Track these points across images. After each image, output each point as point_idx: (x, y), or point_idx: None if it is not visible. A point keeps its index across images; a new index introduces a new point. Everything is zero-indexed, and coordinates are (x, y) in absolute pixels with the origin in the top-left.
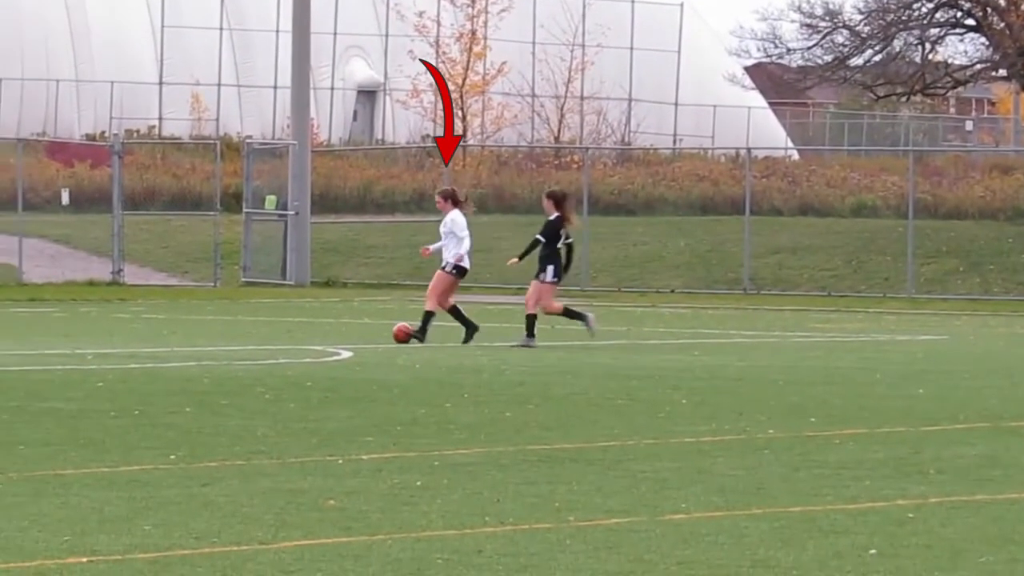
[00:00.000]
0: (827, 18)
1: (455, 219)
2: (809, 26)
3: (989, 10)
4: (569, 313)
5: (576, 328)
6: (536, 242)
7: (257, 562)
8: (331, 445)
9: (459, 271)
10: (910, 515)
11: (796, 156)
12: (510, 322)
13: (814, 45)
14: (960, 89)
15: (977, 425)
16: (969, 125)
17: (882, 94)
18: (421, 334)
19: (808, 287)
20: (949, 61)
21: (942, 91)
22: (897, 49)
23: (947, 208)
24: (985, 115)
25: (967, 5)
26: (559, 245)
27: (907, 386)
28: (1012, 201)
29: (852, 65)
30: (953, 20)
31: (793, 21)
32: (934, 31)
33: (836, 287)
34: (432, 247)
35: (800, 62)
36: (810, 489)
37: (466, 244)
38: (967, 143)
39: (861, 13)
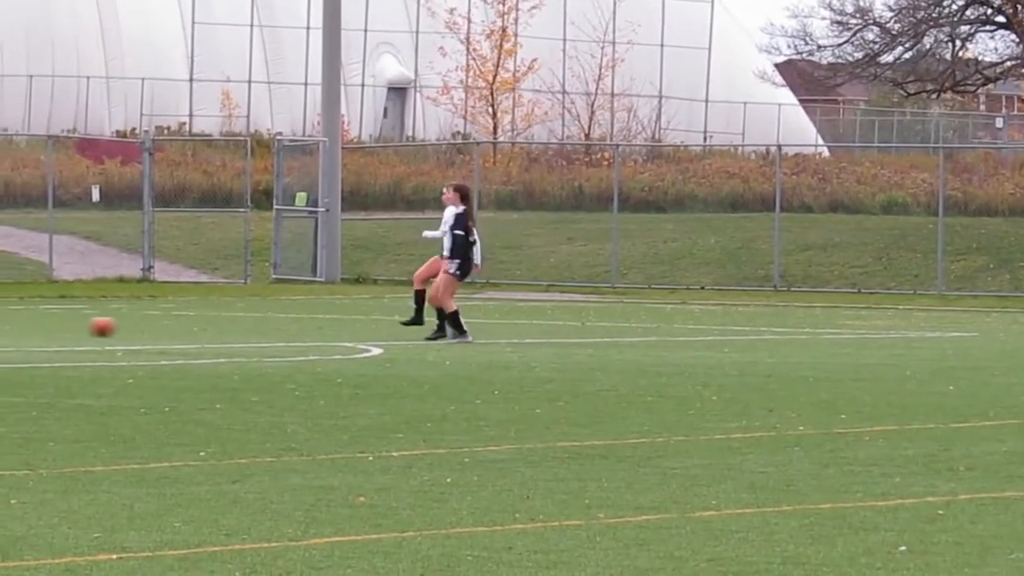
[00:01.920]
0: (857, 15)
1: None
2: (839, 23)
3: (1020, 7)
4: (453, 322)
5: (604, 325)
6: (459, 238)
7: (287, 559)
8: (361, 442)
9: (463, 272)
10: (940, 512)
11: (826, 153)
12: (539, 319)
13: (844, 42)
14: (990, 86)
15: (1007, 422)
16: (999, 122)
17: (912, 91)
18: (440, 332)
19: (838, 284)
20: (979, 58)
21: (972, 88)
22: (927, 46)
23: (977, 205)
24: (1015, 112)
25: (997, 2)
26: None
27: (937, 383)
28: None
29: (882, 62)
30: (983, 17)
31: (824, 18)
32: (964, 28)
33: (866, 284)
34: (431, 234)
35: (830, 59)
36: (840, 486)
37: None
38: (997, 140)
39: (891, 10)
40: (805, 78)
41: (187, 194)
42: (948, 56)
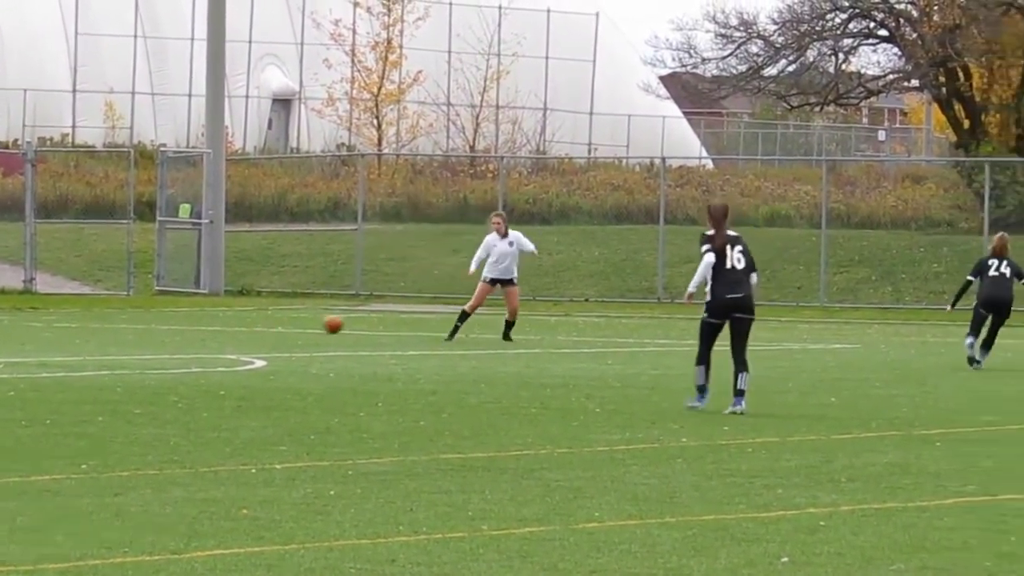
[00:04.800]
0: (741, 28)
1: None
2: (724, 36)
3: (902, 21)
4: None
5: (488, 337)
6: None
7: (169, 572)
8: (244, 454)
9: (492, 281)
10: (822, 523)
11: (710, 165)
12: (423, 331)
13: (729, 55)
14: (873, 99)
15: (888, 433)
16: (882, 135)
17: (796, 104)
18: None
19: None
20: (862, 71)
21: (855, 101)
22: (811, 59)
23: (860, 217)
24: (897, 125)
25: (880, 16)
26: None
27: (819, 394)
28: (924, 210)
29: (766, 75)
30: (866, 31)
31: (708, 31)
32: (847, 42)
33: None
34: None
35: (715, 72)
36: (722, 497)
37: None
38: (880, 153)
39: (775, 23)
40: (689, 91)
41: (70, 205)
42: (831, 69)
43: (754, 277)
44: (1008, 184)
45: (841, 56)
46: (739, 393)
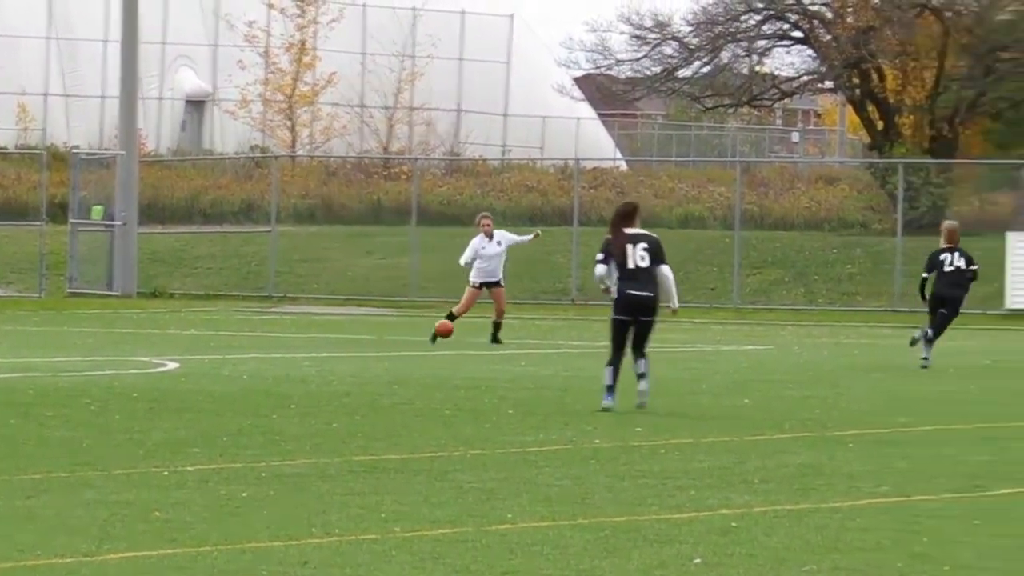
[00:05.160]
0: (656, 30)
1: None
2: (638, 38)
3: (816, 23)
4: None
5: (402, 339)
6: None
7: (81, 575)
8: (157, 456)
9: (480, 285)
10: (734, 524)
11: (624, 167)
12: (337, 333)
13: (643, 56)
14: (787, 101)
15: (802, 435)
16: (795, 136)
17: (710, 105)
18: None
19: None
20: (776, 73)
21: (769, 103)
22: (725, 61)
23: (773, 219)
24: (811, 127)
25: (794, 18)
26: None
27: (732, 396)
28: (837, 212)
29: (680, 76)
30: (780, 32)
31: (622, 33)
32: (761, 43)
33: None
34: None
35: (629, 73)
36: (635, 498)
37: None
38: (793, 154)
39: (690, 25)
40: (604, 92)
41: None
42: (745, 71)
43: (664, 270)
44: (922, 185)
45: (755, 58)
46: (641, 375)
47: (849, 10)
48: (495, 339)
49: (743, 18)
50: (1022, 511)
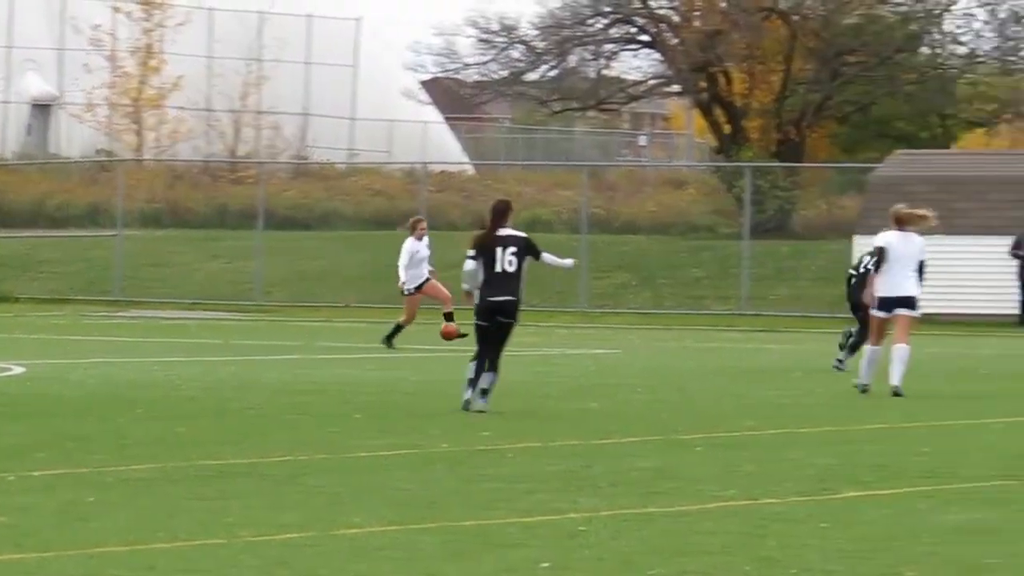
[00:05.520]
0: (503, 33)
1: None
2: (485, 41)
3: (663, 26)
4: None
5: (249, 343)
6: None
7: None
8: (2, 461)
9: (417, 288)
10: (582, 528)
11: (471, 171)
12: (184, 337)
13: (490, 60)
14: (634, 104)
15: (649, 438)
16: (643, 140)
17: (557, 109)
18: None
19: None
20: (623, 77)
21: (616, 106)
22: (572, 65)
23: (620, 222)
24: (659, 130)
25: (641, 21)
26: None
27: (580, 400)
28: (684, 216)
29: (527, 80)
30: (627, 36)
31: (470, 36)
32: (609, 47)
33: None
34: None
35: (476, 77)
36: (483, 503)
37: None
38: (640, 158)
39: (537, 29)
40: (451, 96)
41: None
42: (592, 74)
43: (544, 257)
44: (768, 189)
45: (603, 61)
46: (483, 392)
47: (696, 14)
48: (459, 333)
49: (590, 22)
50: (869, 514)
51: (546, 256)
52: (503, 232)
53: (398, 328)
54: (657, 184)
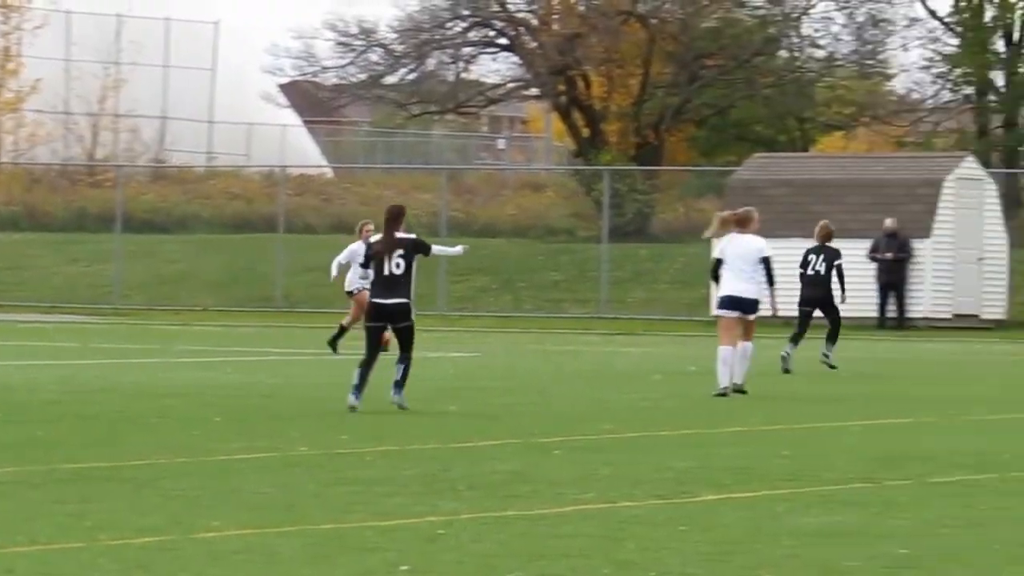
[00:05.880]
0: (362, 37)
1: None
2: (344, 44)
3: (522, 30)
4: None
5: (108, 347)
6: None
7: None
8: None
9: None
10: (441, 531)
11: (330, 174)
12: (42, 340)
13: (349, 63)
14: (493, 108)
15: (508, 441)
16: (501, 143)
17: (416, 112)
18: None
19: (341, 304)
20: (482, 80)
21: (475, 109)
22: (431, 68)
23: (479, 226)
24: (517, 133)
25: (500, 25)
26: None
27: (439, 403)
28: (543, 219)
29: (386, 83)
30: (486, 39)
31: (328, 39)
32: (467, 50)
33: None
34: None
35: (335, 80)
36: (341, 506)
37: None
38: (499, 161)
39: (395, 32)
40: (309, 99)
41: None
42: (451, 78)
43: (436, 249)
44: (627, 192)
45: (461, 65)
46: (397, 385)
47: (555, 17)
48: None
49: (449, 25)
50: (728, 516)
51: (436, 248)
52: (395, 236)
53: (342, 330)
54: (516, 187)
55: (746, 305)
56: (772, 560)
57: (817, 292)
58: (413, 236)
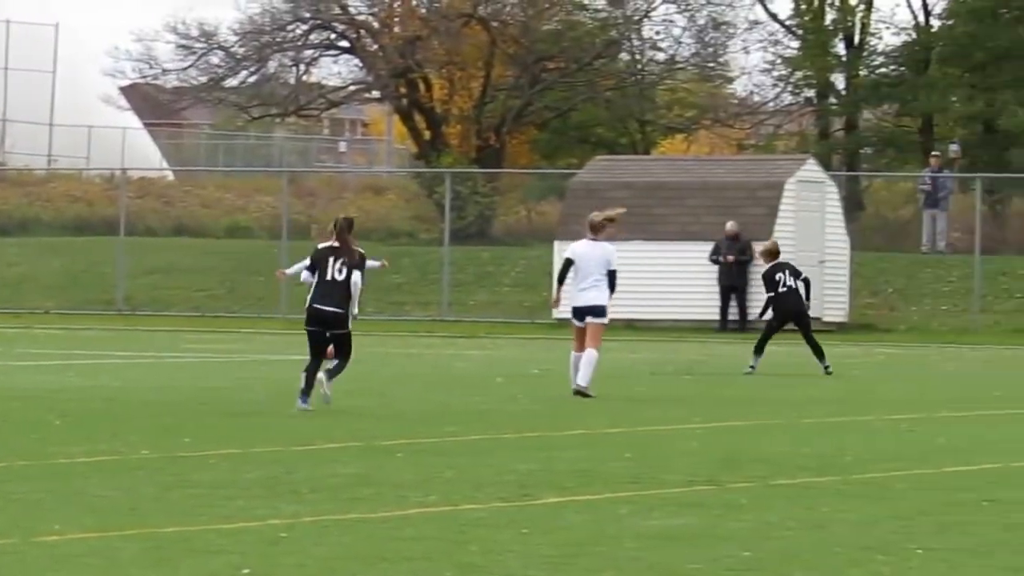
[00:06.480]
0: (202, 39)
1: None
2: (185, 47)
3: (363, 32)
4: None
5: None
6: None
7: None
8: None
9: None
10: (283, 534)
11: (171, 177)
12: None
13: (189, 66)
14: (334, 110)
15: (351, 444)
16: (343, 146)
17: (257, 115)
18: None
19: (182, 307)
20: (323, 83)
21: (316, 112)
22: (272, 71)
23: (320, 229)
24: (359, 136)
25: (341, 27)
26: None
27: (281, 406)
28: (384, 221)
29: (227, 86)
30: (327, 42)
31: (169, 42)
32: (309, 53)
33: (211, 308)
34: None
35: (176, 83)
36: (184, 509)
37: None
38: (341, 164)
39: (236, 35)
40: (150, 102)
41: None
42: (292, 80)
43: (355, 276)
44: (469, 195)
45: (302, 67)
46: (329, 373)
47: (396, 20)
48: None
49: (290, 28)
50: (571, 519)
51: (354, 276)
52: (341, 244)
53: None
54: (357, 190)
55: (601, 312)
56: (615, 563)
57: (798, 306)
58: (361, 251)
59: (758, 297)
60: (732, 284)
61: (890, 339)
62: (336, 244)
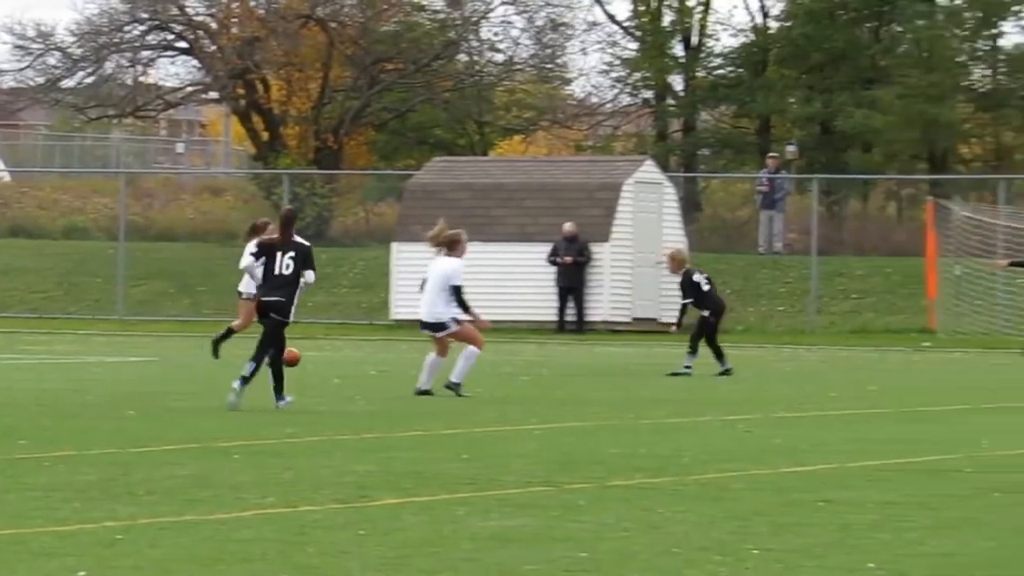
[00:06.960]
0: (39, 40)
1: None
2: (21, 48)
3: (201, 33)
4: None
5: None
6: None
7: None
8: None
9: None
10: (119, 536)
11: (8, 178)
12: None
13: (26, 67)
14: (172, 111)
15: (188, 446)
16: (180, 147)
17: (94, 116)
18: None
19: (18, 309)
20: (161, 83)
21: (154, 113)
22: (109, 71)
23: (158, 230)
24: (196, 137)
25: (179, 28)
26: None
27: (117, 408)
28: (222, 223)
29: (64, 87)
30: (165, 43)
31: (5, 43)
32: (146, 53)
33: (47, 309)
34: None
35: (12, 83)
36: (19, 511)
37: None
38: (178, 165)
39: (74, 35)
40: None
41: None
42: (130, 81)
43: (308, 275)
44: (307, 196)
45: (139, 68)
46: (243, 380)
47: (234, 20)
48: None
49: (127, 28)
50: (408, 520)
51: (307, 275)
52: (288, 239)
53: (229, 332)
54: (195, 191)
55: (441, 326)
56: (451, 564)
57: (722, 300)
58: (308, 245)
59: (597, 298)
60: (570, 285)
61: (727, 340)
62: (280, 238)
